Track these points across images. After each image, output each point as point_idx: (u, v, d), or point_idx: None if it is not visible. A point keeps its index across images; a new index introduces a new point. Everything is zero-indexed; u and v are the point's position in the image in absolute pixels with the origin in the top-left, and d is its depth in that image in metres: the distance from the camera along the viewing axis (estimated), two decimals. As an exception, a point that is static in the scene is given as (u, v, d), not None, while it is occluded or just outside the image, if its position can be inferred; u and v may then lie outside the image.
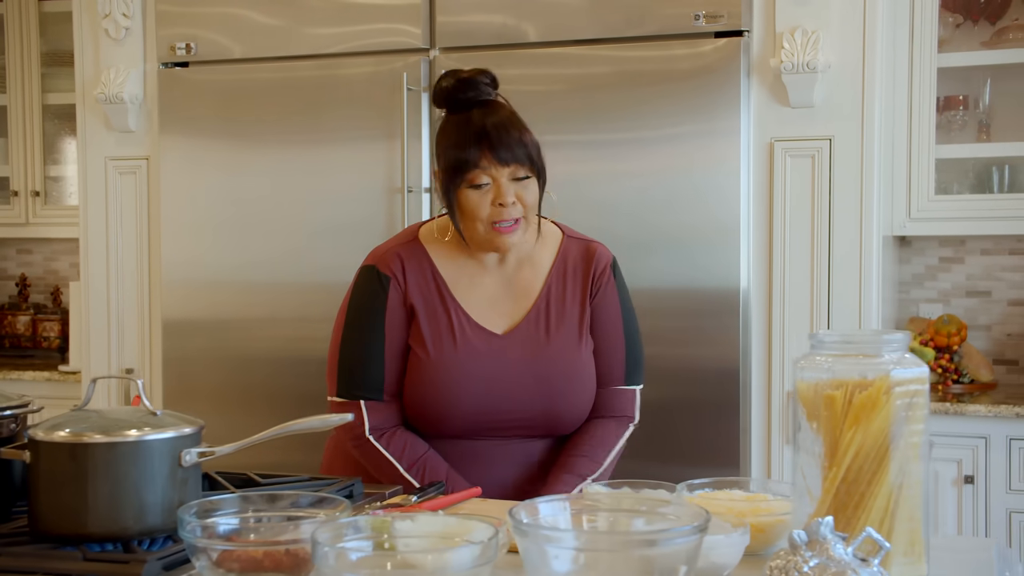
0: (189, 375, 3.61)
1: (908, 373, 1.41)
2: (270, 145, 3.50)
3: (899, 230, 3.47)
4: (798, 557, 1.31)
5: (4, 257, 4.79)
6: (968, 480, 3.19)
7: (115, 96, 3.63)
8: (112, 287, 3.73)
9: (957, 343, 3.52)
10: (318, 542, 1.24)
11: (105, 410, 1.56)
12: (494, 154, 1.98)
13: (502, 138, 1.99)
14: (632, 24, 3.17)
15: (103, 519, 1.46)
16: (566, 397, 2.07)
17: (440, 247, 2.12)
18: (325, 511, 1.43)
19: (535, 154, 2.02)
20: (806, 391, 1.44)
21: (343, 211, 3.43)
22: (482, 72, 2.09)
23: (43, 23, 4.34)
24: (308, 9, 3.45)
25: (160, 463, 1.48)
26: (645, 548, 1.25)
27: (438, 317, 2.07)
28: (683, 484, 1.62)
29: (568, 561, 1.26)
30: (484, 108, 2.04)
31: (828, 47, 3.06)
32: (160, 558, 1.40)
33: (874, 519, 1.40)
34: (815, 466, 1.43)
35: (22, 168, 4.34)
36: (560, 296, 2.11)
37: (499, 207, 1.99)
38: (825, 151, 3.09)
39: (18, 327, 4.54)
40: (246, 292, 3.53)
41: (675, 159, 3.14)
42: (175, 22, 3.58)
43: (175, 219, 3.59)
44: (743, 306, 3.11)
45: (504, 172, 1.99)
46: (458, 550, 1.26)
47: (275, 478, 1.90)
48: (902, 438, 1.40)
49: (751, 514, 1.53)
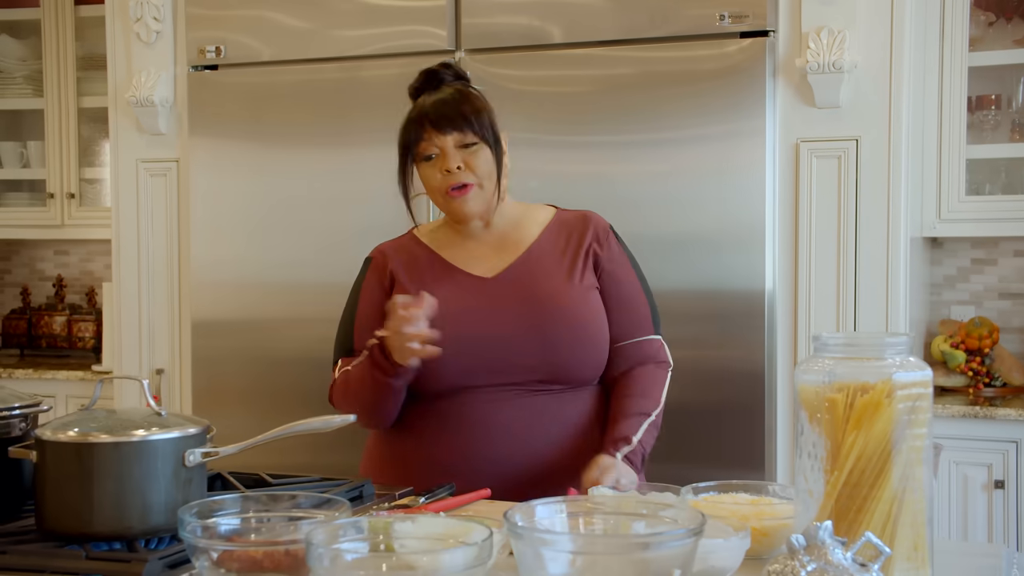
0: (218, 375, 3.63)
1: (911, 376, 1.39)
2: (297, 147, 3.52)
3: (929, 231, 3.43)
4: (796, 562, 1.30)
5: (42, 258, 4.85)
6: (999, 485, 3.15)
7: (146, 99, 3.67)
8: (143, 288, 3.77)
9: (988, 346, 3.48)
10: (312, 543, 1.25)
11: (113, 410, 1.57)
12: (434, 125, 2.10)
13: (440, 110, 2.10)
14: (656, 24, 3.16)
15: (107, 518, 1.47)
16: (562, 338, 2.09)
17: (430, 229, 2.26)
18: (326, 512, 1.44)
19: (480, 122, 2.10)
20: (808, 394, 1.43)
21: (369, 213, 3.44)
22: (445, 65, 2.21)
23: (79, 27, 4.39)
24: (335, 12, 3.47)
25: (164, 463, 1.50)
26: (638, 551, 1.25)
27: (423, 273, 2.17)
28: (688, 487, 1.61)
29: (562, 564, 1.25)
30: (431, 92, 2.15)
31: (854, 47, 3.04)
32: (162, 557, 1.41)
33: (876, 523, 1.39)
34: (818, 470, 1.42)
35: (58, 171, 4.40)
36: (552, 249, 2.18)
37: (447, 174, 2.09)
38: (852, 152, 3.06)
39: (55, 327, 4.59)
40: (273, 293, 3.55)
41: (700, 160, 3.12)
42: (205, 25, 3.61)
43: (204, 220, 3.62)
44: (768, 308, 3.09)
45: (447, 140, 2.09)
46: (451, 552, 1.26)
47: (286, 478, 1.91)
48: (904, 442, 1.39)
49: (755, 518, 1.52)
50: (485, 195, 2.12)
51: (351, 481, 1.87)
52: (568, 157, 3.24)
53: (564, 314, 2.11)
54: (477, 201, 2.12)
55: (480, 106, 2.13)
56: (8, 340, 4.68)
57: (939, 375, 3.51)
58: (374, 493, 1.88)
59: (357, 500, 1.85)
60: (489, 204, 2.14)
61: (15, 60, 4.54)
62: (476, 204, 2.12)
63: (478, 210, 2.13)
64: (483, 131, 2.11)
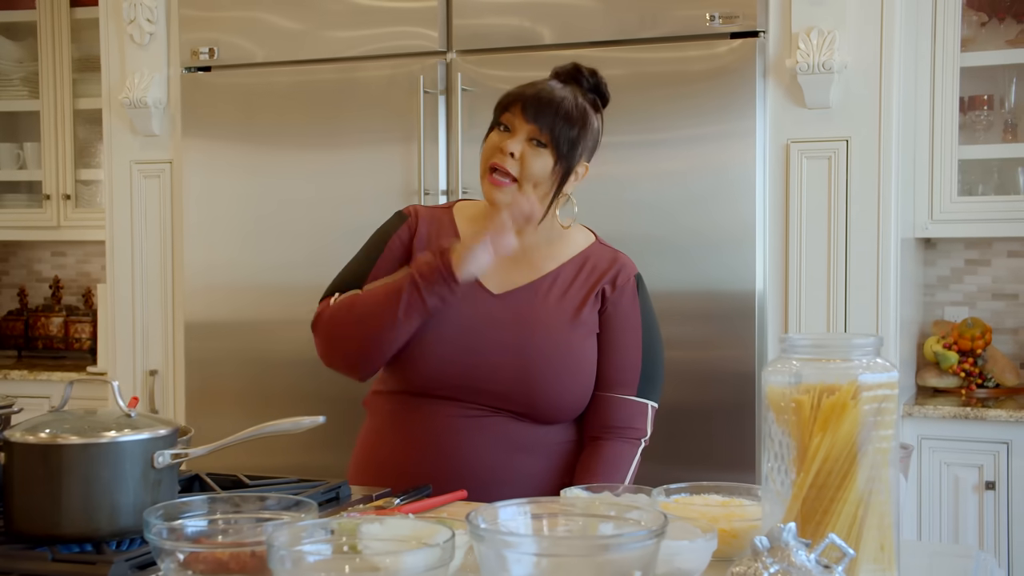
0: (211, 377, 3.64)
1: (877, 378, 1.38)
2: (290, 148, 3.53)
3: (921, 232, 3.43)
4: (759, 563, 1.30)
5: (39, 259, 4.86)
6: (990, 486, 3.14)
7: (139, 101, 3.67)
8: (137, 289, 3.77)
9: (981, 347, 3.47)
10: (273, 545, 1.25)
11: (84, 412, 1.57)
12: (524, 109, 2.03)
13: (541, 101, 2.04)
14: (647, 25, 3.16)
15: (75, 520, 1.47)
16: (545, 374, 2.03)
17: (467, 213, 2.19)
18: (292, 514, 1.44)
19: (563, 135, 2.03)
20: (775, 395, 1.43)
21: (361, 214, 3.43)
22: (592, 72, 2.15)
23: (75, 29, 4.40)
24: (327, 13, 3.47)
25: (132, 465, 1.50)
26: (598, 553, 1.24)
27: None
28: (660, 488, 1.61)
29: (524, 566, 1.25)
30: (564, 85, 2.09)
31: (844, 47, 3.03)
32: (128, 559, 1.41)
33: (843, 525, 1.38)
34: (785, 471, 1.42)
35: (54, 172, 4.41)
36: (568, 283, 2.12)
37: (500, 151, 2.03)
38: (842, 152, 3.05)
39: (51, 329, 4.60)
40: (266, 294, 3.56)
41: (690, 161, 3.12)
42: (198, 27, 3.62)
43: (197, 222, 3.63)
44: (759, 309, 3.08)
45: (524, 128, 2.03)
46: (412, 553, 1.26)
47: (264, 479, 1.91)
48: (871, 443, 1.38)
49: (724, 519, 1.52)
50: (522, 195, 2.04)
51: (328, 482, 1.87)
52: (558, 158, 3.23)
53: (553, 353, 2.05)
54: (507, 195, 2.03)
55: (581, 123, 2.05)
56: (5, 341, 4.69)
57: (932, 376, 3.51)
58: (350, 494, 1.88)
59: (334, 501, 1.85)
60: (526, 206, 2.03)
61: (11, 62, 4.56)
62: (506, 197, 2.03)
63: (506, 203, 2.03)
64: (560, 141, 2.03)
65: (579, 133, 2.05)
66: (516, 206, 1.98)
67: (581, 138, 2.06)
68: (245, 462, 3.49)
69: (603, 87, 2.14)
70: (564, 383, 2.06)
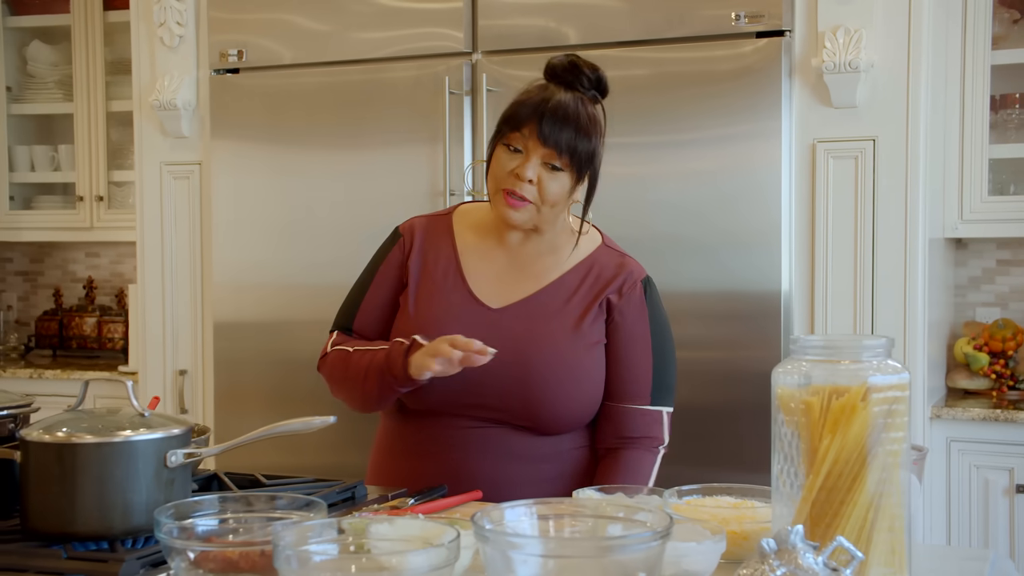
0: (240, 376, 3.66)
1: (887, 380, 1.37)
2: (317, 149, 3.54)
3: (951, 232, 3.39)
4: (766, 566, 1.29)
5: (74, 260, 4.91)
6: (1020, 489, 3.10)
7: (169, 103, 3.70)
8: (167, 289, 3.80)
9: (1013, 348, 3.43)
10: (279, 545, 1.26)
11: (99, 411, 1.59)
12: (539, 129, 1.96)
13: (556, 120, 1.96)
14: (672, 25, 3.15)
15: (89, 518, 1.49)
16: (546, 388, 2.00)
17: (468, 220, 2.15)
18: (302, 513, 1.44)
19: (582, 155, 1.98)
20: (785, 396, 1.42)
21: (387, 214, 3.41)
22: (594, 68, 2.07)
23: (108, 33, 4.45)
24: (354, 14, 3.49)
25: (145, 464, 1.51)
26: (601, 554, 1.24)
27: (435, 281, 2.08)
28: (672, 490, 1.61)
29: (530, 567, 1.25)
30: (568, 93, 2.01)
31: (871, 46, 3.01)
32: (140, 557, 1.42)
33: (853, 527, 1.37)
34: (795, 473, 1.41)
35: (87, 174, 4.45)
36: (571, 293, 2.07)
37: (515, 177, 1.97)
38: (869, 152, 3.03)
39: (85, 328, 4.65)
40: (294, 294, 3.58)
41: (716, 161, 3.11)
42: (226, 29, 3.64)
43: (225, 222, 3.66)
44: (784, 310, 3.06)
45: (539, 151, 1.96)
46: (416, 553, 1.26)
47: (281, 479, 1.92)
48: (881, 445, 1.37)
49: (735, 521, 1.51)
50: (538, 217, 2.02)
51: (343, 482, 1.88)
52: (584, 158, 3.23)
53: (554, 367, 2.01)
54: (525, 216, 2.01)
55: (594, 135, 2.00)
56: (41, 341, 4.74)
57: (962, 378, 3.47)
58: (366, 494, 1.89)
59: (349, 501, 1.86)
60: (537, 223, 2.04)
61: (47, 65, 4.61)
62: (523, 218, 2.01)
63: (522, 223, 2.02)
64: (577, 162, 1.99)
65: (595, 145, 2.00)
66: (468, 359, 1.89)
67: (596, 148, 2.01)
68: (275, 461, 3.53)
69: (604, 82, 2.07)
70: (567, 396, 2.02)
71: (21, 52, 4.65)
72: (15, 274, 5.02)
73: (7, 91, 4.62)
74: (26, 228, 4.60)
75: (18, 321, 4.98)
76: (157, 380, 3.83)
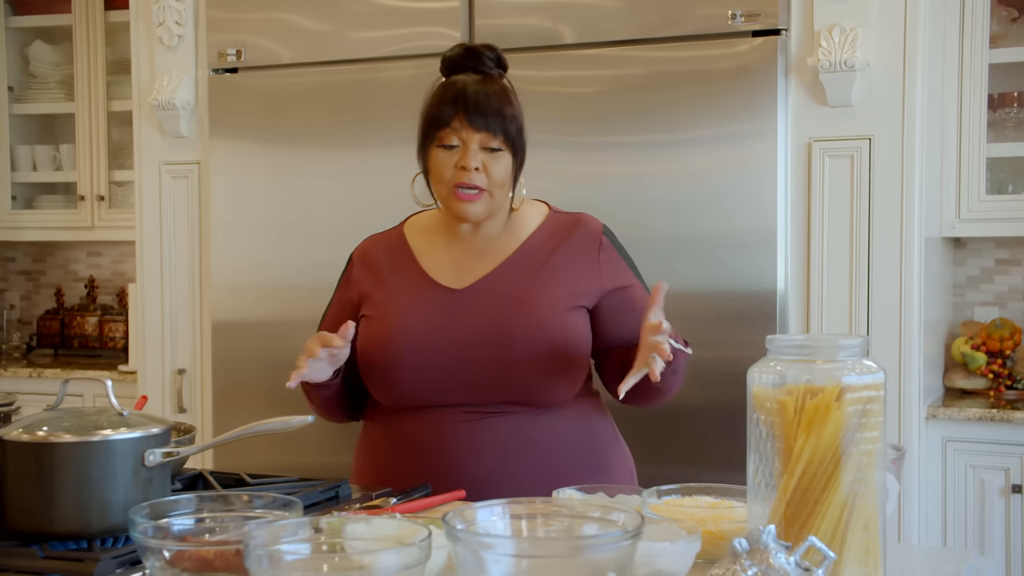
0: (238, 376, 3.67)
1: (861, 379, 1.37)
2: (316, 148, 3.55)
3: (948, 231, 3.38)
4: (737, 566, 1.29)
5: (75, 259, 4.93)
6: (1016, 490, 3.09)
7: (168, 102, 3.71)
8: (166, 289, 3.81)
9: (1010, 347, 3.42)
10: (250, 544, 1.26)
11: (79, 410, 1.59)
12: (467, 117, 1.99)
13: (479, 104, 1.99)
14: (668, 24, 3.15)
15: (67, 518, 1.50)
16: (528, 354, 1.98)
17: (419, 224, 2.18)
18: (277, 513, 1.44)
19: (512, 130, 2.01)
20: (760, 396, 1.42)
21: (385, 214, 3.39)
22: (489, 47, 2.10)
23: (109, 32, 4.46)
24: (352, 14, 3.49)
25: (123, 463, 1.51)
26: (571, 554, 1.24)
27: (396, 283, 2.10)
28: (652, 489, 1.60)
29: (504, 567, 1.25)
30: (475, 76, 2.05)
31: (867, 45, 3.00)
32: (115, 557, 1.43)
33: (827, 527, 1.37)
34: (770, 473, 1.41)
35: (88, 173, 4.47)
36: (537, 254, 2.07)
37: (461, 170, 1.99)
38: (864, 151, 3.02)
39: (87, 328, 4.67)
40: (292, 294, 3.58)
41: (711, 160, 3.10)
42: (225, 28, 3.65)
43: (223, 222, 3.66)
44: (780, 309, 3.06)
45: (475, 137, 1.99)
46: (386, 553, 1.26)
47: (265, 478, 1.92)
48: (855, 445, 1.37)
49: (712, 521, 1.51)
50: (492, 202, 2.03)
51: (327, 482, 1.88)
52: (579, 158, 3.23)
53: (533, 326, 2.00)
54: (482, 207, 2.02)
55: (516, 109, 2.04)
56: (43, 340, 4.76)
57: (960, 377, 3.46)
58: (350, 493, 1.89)
59: (333, 500, 1.86)
60: (491, 211, 2.06)
61: (48, 65, 4.62)
62: (479, 209, 2.02)
63: (479, 215, 2.04)
64: (512, 138, 2.01)
65: (520, 120, 2.04)
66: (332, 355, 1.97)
67: (521, 122, 2.05)
68: (273, 461, 3.54)
69: (503, 59, 2.11)
70: (549, 355, 2.00)
71: (23, 52, 4.67)
72: (17, 273, 5.04)
73: (9, 91, 4.64)
74: (28, 227, 4.62)
75: (20, 320, 5.00)
76: (156, 379, 3.84)
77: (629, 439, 2.27)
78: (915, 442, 3.01)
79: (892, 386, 3.01)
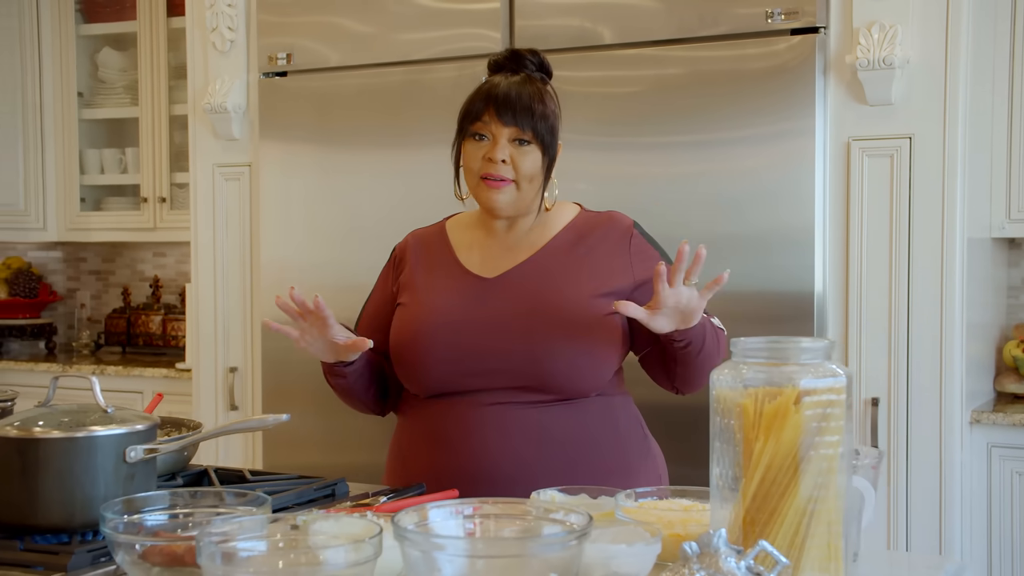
0: (287, 374, 3.72)
1: (821, 383, 1.35)
2: (362, 150, 3.59)
3: (998, 232, 3.30)
4: (687, 569, 1.28)
5: (142, 260, 5.05)
6: (1063, 496, 3.01)
7: (220, 106, 3.79)
8: (219, 288, 3.89)
9: (1064, 351, 3.32)
10: (202, 542, 1.28)
11: (66, 407, 1.64)
12: (498, 112, 2.04)
13: (510, 100, 2.04)
14: (706, 24, 3.12)
15: (49, 512, 1.54)
16: (554, 344, 2.01)
17: (461, 221, 2.24)
18: (247, 509, 1.47)
19: (542, 127, 2.04)
20: (722, 398, 1.40)
21: (430, 213, 3.42)
22: (532, 52, 2.15)
23: (171, 39, 4.56)
24: (397, 16, 3.52)
25: (104, 459, 1.55)
26: (513, 554, 1.24)
27: (434, 273, 2.16)
28: (628, 491, 1.60)
29: (453, 567, 1.26)
30: (514, 77, 2.10)
31: (907, 42, 2.95)
32: (91, 550, 1.46)
33: (786, 532, 1.35)
34: (733, 477, 1.39)
35: (151, 175, 4.58)
36: (568, 248, 2.11)
37: (488, 161, 2.04)
38: (905, 150, 2.97)
39: (151, 326, 4.78)
40: (338, 293, 3.60)
41: (749, 160, 3.07)
42: (275, 32, 3.71)
43: (273, 223, 3.72)
44: (818, 311, 3.02)
45: (504, 132, 2.04)
46: (334, 550, 1.28)
47: (265, 475, 1.96)
48: (815, 449, 1.35)
49: (680, 524, 1.50)
50: (521, 196, 2.07)
51: (324, 479, 1.91)
52: (618, 158, 3.22)
53: (560, 317, 2.03)
54: (509, 198, 2.06)
55: (550, 107, 2.08)
56: (110, 338, 4.89)
57: (1011, 382, 3.37)
58: (347, 491, 1.91)
59: (329, 498, 1.89)
60: (521, 205, 2.08)
61: (116, 71, 4.74)
62: (507, 200, 2.06)
63: (507, 206, 2.07)
64: (542, 134, 2.05)
65: (553, 119, 2.07)
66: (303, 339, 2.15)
67: (556, 121, 2.08)
68: (319, 460, 3.59)
69: (547, 64, 2.15)
70: (575, 346, 2.02)
71: (93, 58, 4.80)
72: (88, 273, 5.18)
73: (79, 96, 4.76)
74: (96, 229, 4.75)
75: (90, 319, 5.14)
76: (209, 377, 3.92)
77: (663, 441, 2.26)
78: (956, 448, 2.95)
79: (932, 390, 2.94)
